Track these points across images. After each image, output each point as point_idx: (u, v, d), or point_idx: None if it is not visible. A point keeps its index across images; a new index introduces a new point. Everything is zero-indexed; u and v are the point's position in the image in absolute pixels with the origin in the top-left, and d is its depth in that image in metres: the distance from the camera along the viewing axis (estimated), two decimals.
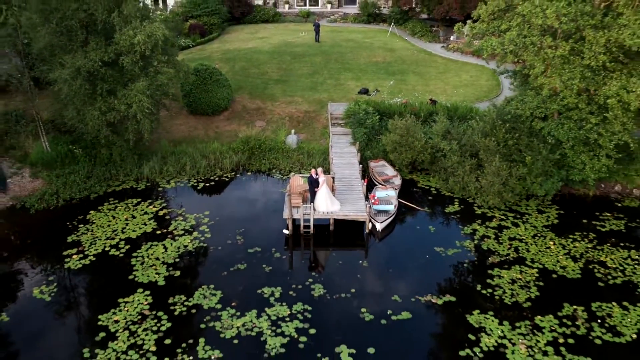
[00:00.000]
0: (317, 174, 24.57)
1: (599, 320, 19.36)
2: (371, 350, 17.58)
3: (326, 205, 24.23)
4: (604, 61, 23.24)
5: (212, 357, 17.00)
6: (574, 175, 27.15)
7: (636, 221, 26.17)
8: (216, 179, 29.28)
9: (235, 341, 17.95)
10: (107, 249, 22.95)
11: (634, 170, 29.13)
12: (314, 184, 24.46)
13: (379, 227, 24.31)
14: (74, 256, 22.49)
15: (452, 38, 47.07)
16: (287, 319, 18.97)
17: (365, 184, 26.45)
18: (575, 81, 24.18)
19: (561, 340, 18.35)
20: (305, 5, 60.30)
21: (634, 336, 18.72)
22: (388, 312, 19.38)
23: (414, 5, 50.05)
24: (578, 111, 25.78)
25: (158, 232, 24.22)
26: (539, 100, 26.23)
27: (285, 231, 24.26)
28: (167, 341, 17.90)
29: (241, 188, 28.85)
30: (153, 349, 17.59)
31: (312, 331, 18.42)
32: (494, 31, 25.82)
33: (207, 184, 28.73)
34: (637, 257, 23.17)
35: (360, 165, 28.08)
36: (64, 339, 18.37)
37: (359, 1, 59.82)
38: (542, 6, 22.68)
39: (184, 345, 17.75)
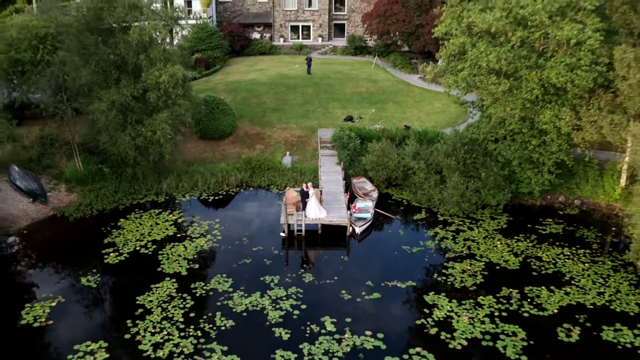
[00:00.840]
0: (307, 188, 30.17)
1: (529, 300, 24.78)
2: (348, 320, 22.93)
3: (315, 213, 29.72)
4: (538, 95, 29.06)
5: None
6: (522, 188, 32.89)
7: (573, 225, 31.74)
8: (224, 193, 34.78)
9: (245, 314, 23.28)
10: (137, 248, 28.33)
11: (575, 184, 34.79)
12: (305, 196, 30.03)
13: (358, 230, 29.79)
14: (111, 254, 27.84)
15: (438, 63, 52.87)
16: (284, 298, 24.32)
17: (348, 196, 32.07)
18: (516, 111, 30.02)
19: (496, 314, 23.73)
20: (298, 38, 66.37)
21: (555, 311, 24.11)
22: (362, 293, 24.78)
23: (395, 39, 55.93)
24: (522, 135, 31.54)
25: (178, 235, 29.65)
26: (490, 126, 32.02)
27: (282, 234, 29.69)
28: (192, 314, 23.22)
29: (245, 200, 34.40)
30: (180, 318, 22.90)
31: (303, 307, 23.76)
32: (452, 70, 31.62)
33: (217, 197, 34.23)
34: (568, 253, 28.68)
35: (344, 181, 33.66)
36: (110, 313, 23.73)
37: (347, 35, 66.02)
38: (487, 52, 28.47)
39: (204, 317, 23.06)
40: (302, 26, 66.16)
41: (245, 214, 32.66)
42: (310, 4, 65.32)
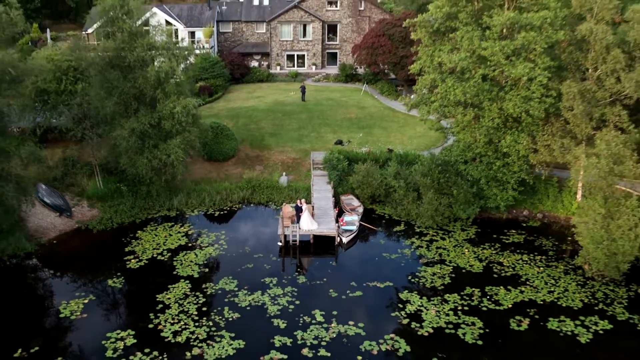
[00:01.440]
0: (301, 204, 34.87)
1: (488, 297, 29.34)
2: (334, 312, 27.45)
3: (308, 225, 34.35)
4: (499, 123, 33.93)
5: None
6: (489, 203, 37.61)
7: (533, 236, 36.43)
8: (228, 208, 39.40)
9: (248, 308, 27.78)
10: (154, 255, 32.87)
11: (537, 199, 39.53)
12: (299, 210, 34.69)
13: (345, 240, 34.42)
14: (132, 260, 32.36)
15: (412, 97, 57.89)
16: (281, 295, 28.85)
17: (336, 211, 36.76)
18: (481, 136, 34.88)
19: (459, 308, 28.29)
20: (294, 66, 71.47)
21: (510, 306, 28.66)
22: (347, 292, 29.32)
23: (382, 69, 61.00)
24: (487, 157, 36.35)
25: (189, 244, 34.22)
26: (460, 150, 36.84)
27: (279, 243, 34.28)
28: (204, 309, 27.72)
29: (247, 215, 39.03)
30: (194, 312, 27.39)
31: (297, 302, 28.29)
32: (425, 102, 36.49)
33: (222, 212, 38.84)
34: (526, 259, 33.30)
35: (333, 198, 38.28)
36: (134, 307, 28.19)
37: (339, 63, 71.15)
38: (454, 87, 33.36)
39: (215, 311, 27.55)
40: (297, 55, 71.30)
41: (247, 227, 37.34)
42: (304, 35, 70.53)
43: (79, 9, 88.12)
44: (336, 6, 70.96)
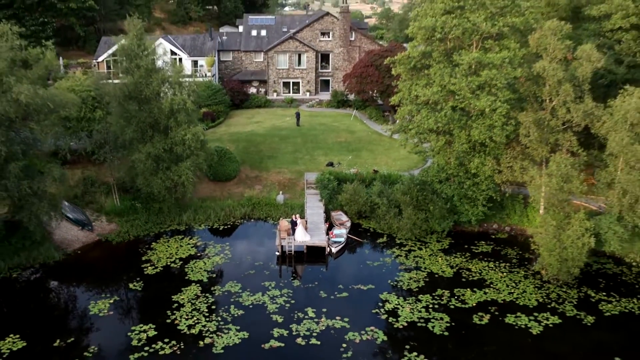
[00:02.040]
0: (296, 218, 39.89)
1: (456, 297, 34.25)
2: (324, 310, 32.32)
3: (302, 237, 39.32)
4: (467, 147, 39.12)
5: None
6: (462, 218, 42.67)
7: (500, 246, 41.45)
8: (231, 223, 44.37)
9: (251, 306, 32.64)
10: (168, 263, 37.74)
11: (505, 214, 44.57)
12: (294, 224, 39.68)
13: (334, 250, 39.38)
14: (149, 267, 37.21)
15: (394, 124, 63.14)
16: (279, 296, 33.73)
17: (327, 225, 41.76)
18: (453, 159, 40.02)
19: (431, 306, 33.19)
20: (289, 92, 76.83)
21: (474, 304, 33.57)
22: (335, 293, 34.23)
23: (371, 95, 66.38)
24: (459, 177, 41.50)
25: (198, 254, 39.11)
26: (435, 171, 41.99)
27: (277, 253, 39.18)
28: (213, 307, 32.56)
29: (248, 229, 44.03)
30: (205, 309, 32.22)
31: (292, 302, 33.17)
32: (404, 129, 41.71)
33: (225, 227, 43.80)
34: (492, 266, 38.27)
35: (324, 214, 43.30)
36: (153, 306, 32.95)
37: (331, 89, 76.57)
38: (427, 117, 38.61)
39: (222, 308, 32.38)
40: (293, 82, 76.71)
41: (249, 239, 42.35)
42: (299, 63, 75.99)
43: (87, 37, 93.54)
44: (329, 37, 76.55)
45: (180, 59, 71.10)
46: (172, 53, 71.69)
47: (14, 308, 33.14)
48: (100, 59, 72.90)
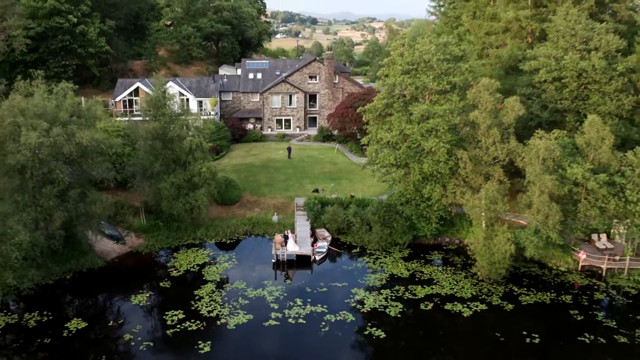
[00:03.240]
0: (288, 234, 50.98)
1: (409, 291, 45.23)
2: (309, 300, 43.25)
3: (292, 248, 50.30)
4: (420, 178, 50.45)
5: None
6: (419, 233, 53.76)
7: (449, 255, 52.54)
8: (236, 238, 55.33)
9: (254, 297, 43.54)
10: (189, 268, 48.57)
11: (455, 230, 55.70)
12: (286, 238, 50.75)
13: (317, 258, 50.36)
14: (174, 271, 48.02)
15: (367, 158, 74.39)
16: (275, 291, 44.64)
17: (312, 239, 52.79)
18: (410, 187, 51.34)
19: (389, 297, 44.14)
20: (282, 128, 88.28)
21: (422, 296, 44.58)
22: (317, 288, 45.19)
23: (350, 132, 77.83)
24: (416, 200, 52.70)
25: (211, 261, 49.99)
26: (397, 196, 53.28)
27: (273, 260, 50.07)
28: (225, 298, 43.39)
29: (249, 242, 55.00)
30: (220, 300, 43.04)
31: (285, 294, 44.11)
32: (372, 163, 53.06)
33: (231, 241, 54.76)
34: (440, 269, 49.32)
35: (310, 230, 54.35)
36: (180, 297, 43.69)
37: (318, 125, 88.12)
38: (388, 154, 50.01)
39: (232, 299, 43.20)
40: (285, 119, 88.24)
41: (250, 250, 53.27)
42: (290, 103, 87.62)
43: (102, 77, 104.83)
44: (316, 80, 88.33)
45: (188, 99, 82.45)
46: (180, 94, 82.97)
47: (73, 301, 43.89)
48: (117, 99, 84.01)
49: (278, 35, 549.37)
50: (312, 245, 51.74)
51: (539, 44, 63.88)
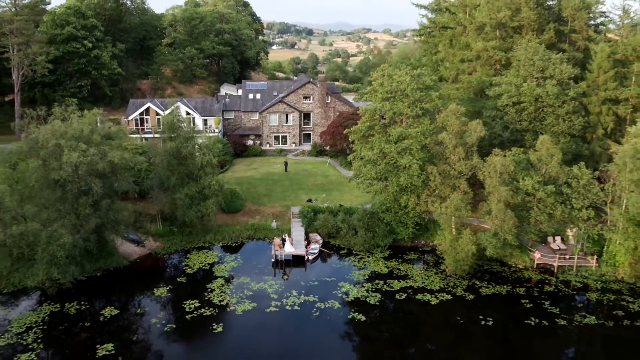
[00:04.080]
0: (285, 237, 59.74)
1: (387, 284, 53.91)
2: (303, 291, 51.93)
3: (289, 249, 59.00)
4: (397, 189, 59.29)
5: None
6: (398, 236, 62.51)
7: (423, 255, 61.30)
8: (240, 242, 63.99)
9: (257, 290, 52.21)
10: (201, 266, 57.22)
11: (430, 234, 64.48)
12: (283, 241, 59.47)
13: (310, 258, 59.07)
14: (188, 269, 56.65)
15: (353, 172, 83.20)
16: (274, 285, 53.32)
17: (306, 242, 61.51)
18: (389, 197, 60.18)
19: (370, 289, 52.81)
20: (279, 144, 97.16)
21: (398, 288, 53.28)
22: (310, 282, 53.92)
23: (341, 148, 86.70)
24: (394, 208, 61.48)
25: (219, 261, 58.64)
26: (379, 204, 62.10)
27: (272, 259, 58.73)
28: (233, 290, 52.02)
29: (252, 245, 63.68)
30: (228, 292, 51.68)
31: (283, 287, 52.80)
32: (357, 177, 61.91)
33: (236, 244, 63.43)
34: (415, 267, 58.04)
35: (304, 234, 63.05)
36: (195, 290, 52.28)
37: (312, 141, 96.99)
38: (369, 170, 58.86)
39: (238, 291, 51.85)
40: (282, 136, 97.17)
41: (253, 251, 61.96)
42: (287, 121, 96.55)
43: (113, 96, 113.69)
44: (310, 100, 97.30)
45: (194, 118, 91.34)
46: (187, 113, 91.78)
47: (104, 293, 52.46)
48: (130, 118, 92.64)
49: (274, 47, 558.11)
50: (306, 247, 60.36)
51: (505, 71, 73.07)
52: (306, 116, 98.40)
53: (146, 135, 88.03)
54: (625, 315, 49.93)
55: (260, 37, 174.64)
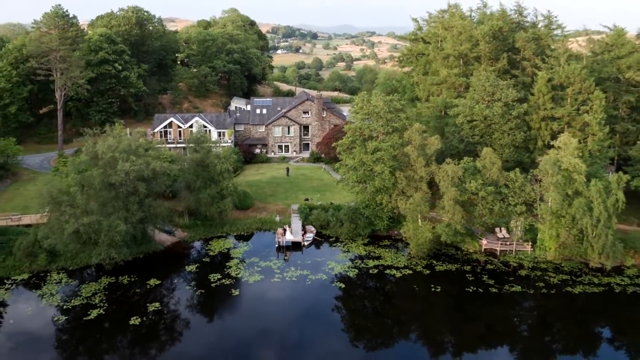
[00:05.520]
0: (286, 228, 76.35)
1: (364, 263, 70.33)
2: (299, 267, 68.45)
3: (289, 237, 75.52)
4: (374, 190, 75.77)
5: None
6: (376, 227, 78.87)
7: (395, 242, 77.66)
8: (250, 232, 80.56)
9: (264, 266, 68.76)
10: (220, 250, 73.82)
11: (402, 226, 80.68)
12: (285, 231, 75.99)
13: (306, 244, 75.60)
14: (211, 252, 73.21)
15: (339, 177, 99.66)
16: (278, 264, 69.87)
17: (303, 232, 78.01)
18: (368, 196, 76.69)
19: (350, 267, 69.27)
20: (282, 152, 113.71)
21: (372, 265, 69.68)
22: (305, 261, 70.48)
23: (334, 156, 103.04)
24: (372, 205, 77.85)
25: (235, 247, 75.22)
26: (360, 202, 78.60)
27: (276, 245, 75.22)
28: (246, 267, 68.60)
29: (260, 235, 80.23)
30: (242, 268, 68.23)
31: (284, 265, 69.38)
32: (343, 180, 78.44)
33: (247, 234, 80.00)
34: (387, 251, 74.42)
35: (302, 226, 79.48)
36: (217, 267, 68.88)
37: (310, 150, 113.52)
38: (352, 175, 75.38)
39: (251, 268, 68.41)
40: (285, 145, 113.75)
41: (261, 239, 78.54)
42: (289, 133, 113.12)
43: (138, 110, 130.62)
44: (308, 114, 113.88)
45: (210, 131, 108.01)
46: (204, 126, 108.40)
47: (147, 269, 68.99)
48: (155, 130, 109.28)
49: (279, 51, 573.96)
50: (303, 236, 76.84)
51: (465, 93, 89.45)
52: (305, 128, 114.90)
53: (169, 145, 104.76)
54: (545, 286, 66.14)
55: (265, 53, 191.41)
